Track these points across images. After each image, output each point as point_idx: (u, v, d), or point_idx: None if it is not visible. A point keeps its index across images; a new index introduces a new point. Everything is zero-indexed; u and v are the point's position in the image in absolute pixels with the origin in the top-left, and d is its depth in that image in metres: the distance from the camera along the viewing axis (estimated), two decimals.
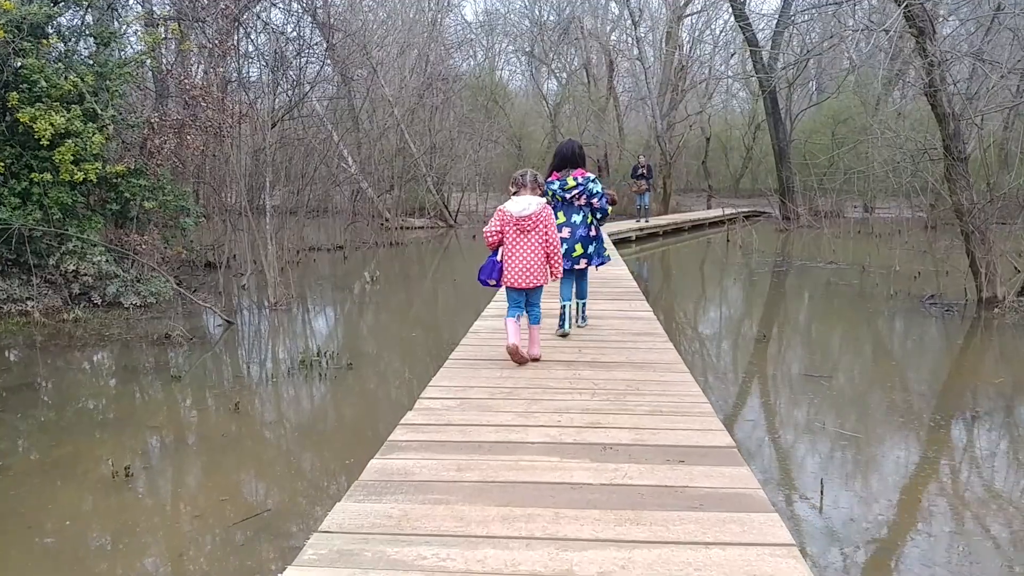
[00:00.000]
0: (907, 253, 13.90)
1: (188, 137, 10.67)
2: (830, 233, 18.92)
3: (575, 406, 3.95)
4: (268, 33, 15.20)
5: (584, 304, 6.04)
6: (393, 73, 23.68)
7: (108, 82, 10.10)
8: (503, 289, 4.98)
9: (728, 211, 24.78)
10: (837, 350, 8.01)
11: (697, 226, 22.58)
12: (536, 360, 4.84)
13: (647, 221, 20.03)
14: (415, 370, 7.16)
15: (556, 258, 4.81)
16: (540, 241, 4.70)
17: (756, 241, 18.21)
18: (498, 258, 4.77)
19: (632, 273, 10.22)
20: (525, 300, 4.87)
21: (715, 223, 23.55)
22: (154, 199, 10.57)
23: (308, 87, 15.61)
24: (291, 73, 15.28)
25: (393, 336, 8.95)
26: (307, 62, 15.93)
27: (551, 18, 32.50)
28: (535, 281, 4.76)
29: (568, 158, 5.54)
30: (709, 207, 28.88)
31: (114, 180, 10.04)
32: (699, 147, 31.56)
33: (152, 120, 10.50)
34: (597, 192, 5.51)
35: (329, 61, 18.12)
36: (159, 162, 10.63)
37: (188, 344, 7.81)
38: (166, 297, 9.89)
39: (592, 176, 5.58)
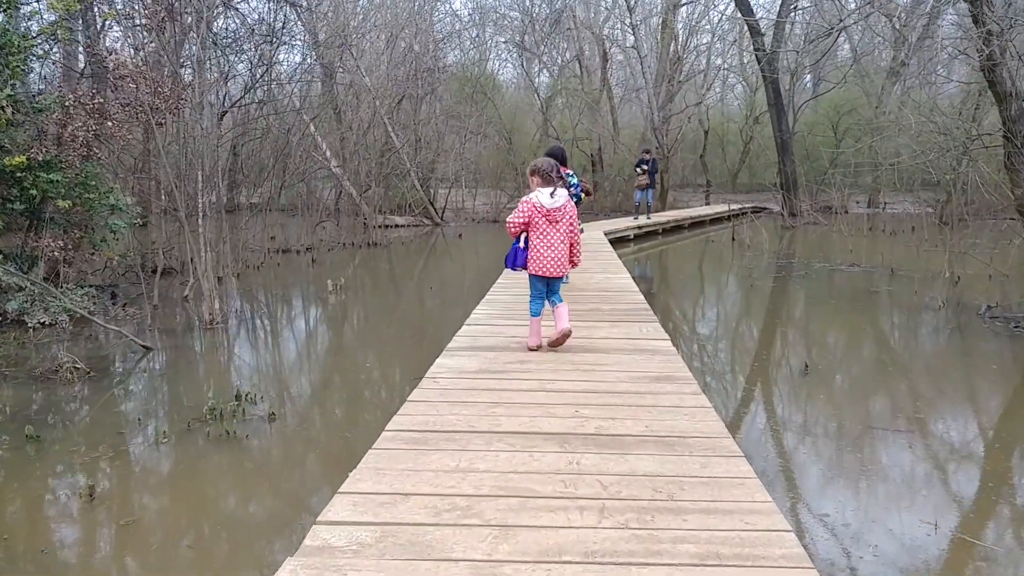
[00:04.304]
0: (932, 253, 12.35)
1: (110, 123, 9.00)
2: (845, 230, 17.39)
3: (572, 544, 2.35)
4: (224, 9, 13.52)
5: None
6: (375, 61, 22.02)
7: (9, 57, 8.44)
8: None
9: (734, 207, 23.28)
10: (903, 387, 6.35)
11: (698, 223, 21.02)
12: (567, 335, 4.92)
13: (648, 218, 18.42)
14: (358, 423, 5.52)
15: (578, 247, 5.11)
16: (566, 231, 4.94)
17: (766, 241, 16.67)
18: (521, 245, 4.96)
19: (634, 278, 8.65)
20: (548, 290, 5.04)
21: (716, 220, 22.08)
22: (72, 196, 8.93)
23: (265, 68, 13.89)
24: (248, 56, 13.59)
25: (341, 369, 7.21)
26: (264, 43, 14.19)
27: (543, 8, 30.79)
28: (562, 270, 4.97)
29: (554, 157, 6.60)
30: (707, 203, 27.39)
31: (17, 174, 8.40)
32: (696, 141, 30.01)
33: (66, 102, 8.81)
34: (573, 183, 7.03)
35: (296, 42, 16.46)
36: (81, 153, 8.96)
37: (82, 380, 6.17)
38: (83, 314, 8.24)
39: (570, 172, 7.06)
